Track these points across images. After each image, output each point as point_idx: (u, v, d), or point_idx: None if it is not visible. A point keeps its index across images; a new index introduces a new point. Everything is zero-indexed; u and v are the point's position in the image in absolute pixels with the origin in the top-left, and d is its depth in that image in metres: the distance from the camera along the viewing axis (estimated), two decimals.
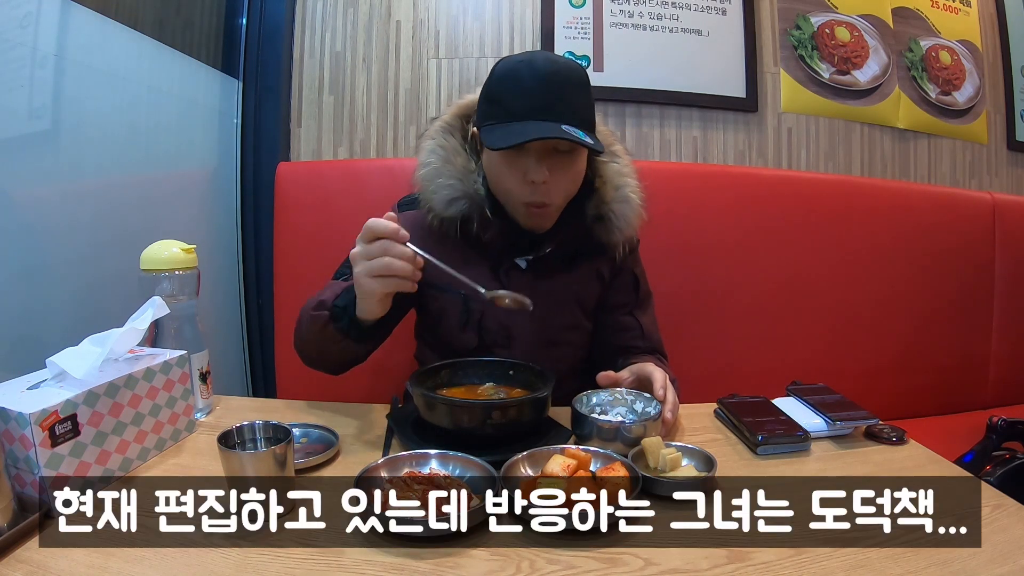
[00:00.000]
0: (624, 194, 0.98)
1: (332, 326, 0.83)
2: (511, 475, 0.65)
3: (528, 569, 0.53)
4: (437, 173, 0.94)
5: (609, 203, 0.96)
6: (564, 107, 0.85)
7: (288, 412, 0.88)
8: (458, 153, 0.95)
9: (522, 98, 0.85)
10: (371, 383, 1.26)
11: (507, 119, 0.86)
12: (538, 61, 0.87)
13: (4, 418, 0.57)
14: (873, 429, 0.82)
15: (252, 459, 0.58)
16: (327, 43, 1.63)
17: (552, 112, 0.84)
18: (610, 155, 0.99)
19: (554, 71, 0.86)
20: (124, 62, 1.17)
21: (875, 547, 0.57)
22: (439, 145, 0.95)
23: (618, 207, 0.97)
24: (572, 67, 0.89)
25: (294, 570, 0.52)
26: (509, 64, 0.89)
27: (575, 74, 0.88)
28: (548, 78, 0.85)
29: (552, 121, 0.84)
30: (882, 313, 1.60)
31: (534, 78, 0.85)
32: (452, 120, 0.98)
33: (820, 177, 1.69)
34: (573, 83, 0.87)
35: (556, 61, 0.89)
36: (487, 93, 0.90)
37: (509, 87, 0.87)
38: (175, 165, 1.36)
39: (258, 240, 1.58)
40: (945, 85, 1.89)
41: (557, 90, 0.85)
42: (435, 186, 0.93)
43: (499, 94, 0.88)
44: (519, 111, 0.85)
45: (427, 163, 0.95)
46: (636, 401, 0.81)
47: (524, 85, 0.85)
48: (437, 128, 0.98)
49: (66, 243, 1.02)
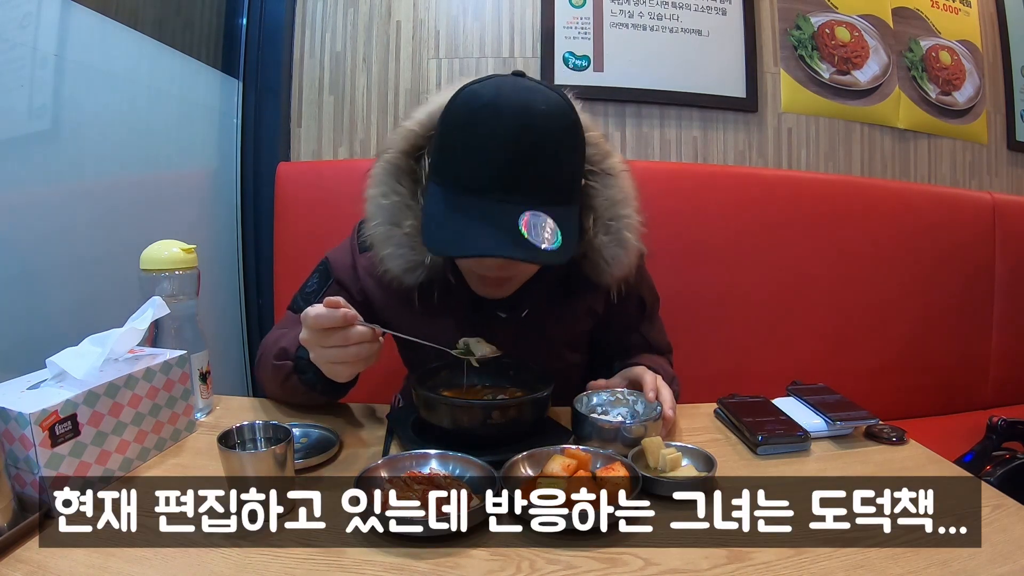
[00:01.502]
0: (618, 235, 0.81)
1: (297, 378, 0.79)
2: (511, 475, 0.65)
3: (528, 569, 0.53)
4: (385, 238, 0.80)
5: (599, 249, 0.81)
6: (535, 180, 0.69)
7: (288, 412, 0.88)
8: (407, 209, 0.80)
9: (480, 165, 0.68)
10: (371, 383, 1.26)
11: (459, 189, 0.70)
12: (505, 109, 0.68)
13: (4, 418, 0.57)
14: (873, 429, 0.82)
15: (252, 459, 0.58)
16: (327, 43, 1.63)
17: (517, 188, 0.68)
18: (603, 176, 0.82)
19: (525, 128, 0.67)
20: (124, 62, 1.17)
21: (875, 547, 0.57)
22: (385, 200, 0.80)
23: (610, 252, 0.82)
24: (553, 113, 0.70)
25: (294, 570, 0.52)
26: (470, 106, 0.70)
27: (557, 124, 0.70)
28: (516, 140, 0.67)
29: (516, 202, 0.68)
30: (882, 313, 1.60)
31: (497, 140, 0.67)
32: (399, 159, 0.81)
33: (820, 177, 1.69)
34: (551, 143, 0.69)
35: (530, 107, 0.68)
36: (441, 139, 0.73)
37: (465, 144, 0.70)
38: (175, 165, 1.36)
39: (258, 240, 1.58)
40: (945, 85, 1.89)
41: (527, 157, 0.68)
42: (386, 255, 0.81)
43: (452, 148, 0.71)
44: (474, 183, 0.69)
45: (373, 223, 0.81)
46: (637, 401, 0.81)
47: (483, 147, 0.68)
48: (382, 171, 0.82)
49: (66, 243, 1.02)
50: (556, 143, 0.70)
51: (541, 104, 0.70)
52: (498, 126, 0.68)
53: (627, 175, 0.85)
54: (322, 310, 0.67)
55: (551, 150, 0.70)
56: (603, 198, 0.82)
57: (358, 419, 0.86)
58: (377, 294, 0.89)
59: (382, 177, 0.82)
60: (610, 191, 0.82)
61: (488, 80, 0.72)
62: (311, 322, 0.67)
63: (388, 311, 0.89)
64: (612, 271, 0.83)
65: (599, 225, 0.81)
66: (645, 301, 0.99)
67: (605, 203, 0.82)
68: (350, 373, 0.72)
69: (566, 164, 0.73)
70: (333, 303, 0.67)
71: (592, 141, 0.81)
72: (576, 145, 0.74)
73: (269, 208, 1.48)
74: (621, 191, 0.83)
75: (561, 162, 0.72)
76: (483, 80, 0.73)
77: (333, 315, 0.66)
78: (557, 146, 0.70)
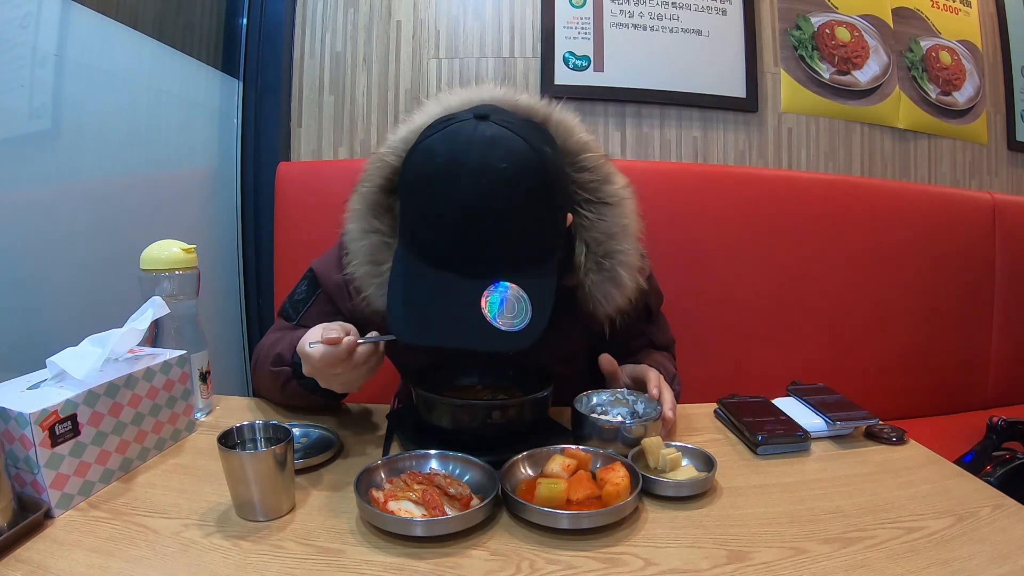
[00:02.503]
0: (612, 272, 0.76)
1: (296, 383, 0.79)
2: (511, 475, 0.65)
3: (528, 569, 0.53)
4: (366, 279, 0.78)
5: (589, 287, 0.76)
6: (499, 250, 0.65)
7: (288, 412, 0.88)
8: (385, 249, 0.76)
9: (437, 239, 0.65)
10: (371, 383, 1.26)
11: (420, 259, 0.67)
12: (462, 179, 0.62)
13: (4, 418, 0.57)
14: (873, 429, 0.82)
15: (252, 459, 0.58)
16: (327, 43, 1.63)
17: (479, 258, 0.65)
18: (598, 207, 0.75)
19: (482, 201, 0.62)
20: (124, 62, 1.17)
21: (875, 547, 0.57)
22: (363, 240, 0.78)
23: (601, 290, 0.76)
24: (514, 173, 0.63)
25: (294, 570, 0.52)
26: (426, 168, 0.65)
27: (518, 185, 0.63)
28: (474, 209, 0.62)
29: (479, 276, 0.65)
30: (882, 313, 1.60)
31: (452, 210, 0.63)
32: (375, 195, 0.78)
33: (820, 177, 1.69)
34: (514, 211, 0.64)
35: (488, 169, 0.62)
36: (401, 199, 0.71)
37: (422, 214, 0.66)
38: (175, 165, 1.36)
39: (258, 240, 1.58)
40: (945, 85, 1.89)
41: (487, 229, 0.63)
42: (369, 294, 0.79)
43: (410, 215, 0.68)
44: (433, 255, 0.66)
45: (354, 263, 0.79)
46: (637, 401, 0.81)
47: (439, 218, 0.64)
48: (359, 206, 0.79)
49: (66, 243, 1.02)
50: (520, 208, 0.65)
51: (503, 162, 0.63)
52: (453, 194, 0.63)
53: (629, 202, 0.79)
54: (326, 350, 0.66)
55: (515, 217, 0.65)
56: (597, 231, 0.76)
57: (358, 419, 0.86)
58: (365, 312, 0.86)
59: (360, 213, 0.79)
60: (606, 223, 0.76)
61: (447, 129, 0.67)
62: (317, 363, 0.67)
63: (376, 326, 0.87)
64: (606, 309, 0.78)
65: (590, 262, 0.76)
66: (651, 310, 0.97)
67: (599, 236, 0.76)
68: (360, 384, 0.74)
69: (534, 227, 0.67)
70: (333, 340, 0.66)
71: (589, 164, 0.77)
72: (546, 205, 0.68)
73: (269, 208, 1.48)
74: (618, 223, 0.77)
75: (527, 227, 0.66)
76: (441, 129, 0.67)
77: (338, 352, 0.66)
78: (522, 211, 0.65)
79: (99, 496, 0.63)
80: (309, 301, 0.90)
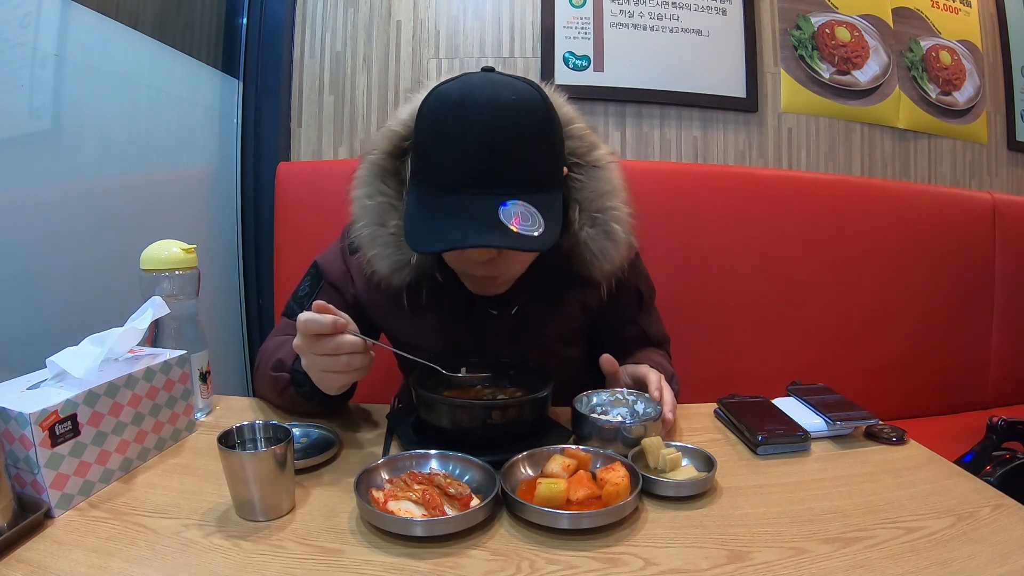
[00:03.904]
0: (606, 227, 0.81)
1: (294, 390, 0.79)
2: (511, 475, 0.65)
3: (528, 569, 0.53)
4: (372, 239, 0.81)
5: (585, 241, 0.81)
6: (509, 172, 0.69)
7: (288, 412, 0.88)
8: (393, 209, 0.80)
9: (453, 164, 0.69)
10: (371, 383, 1.26)
11: (437, 188, 0.70)
12: (472, 108, 0.68)
13: (4, 418, 0.57)
14: (873, 429, 0.82)
15: (252, 459, 0.58)
16: (327, 43, 1.63)
17: (493, 181, 0.68)
18: (588, 169, 0.82)
19: (494, 125, 0.67)
20: (124, 62, 1.17)
21: (875, 547, 0.57)
22: (370, 201, 0.81)
23: (597, 245, 0.81)
24: (521, 108, 0.70)
25: (294, 570, 0.52)
26: (438, 112, 0.70)
27: (525, 118, 0.70)
28: (485, 137, 0.67)
29: (493, 194, 0.68)
30: (882, 313, 1.60)
31: (467, 138, 0.68)
32: (383, 160, 0.81)
33: (820, 177, 1.69)
34: (522, 135, 0.69)
35: (498, 102, 0.68)
36: (416, 143, 0.74)
37: (438, 145, 0.70)
38: (175, 165, 1.36)
39: (258, 240, 1.58)
40: (945, 85, 1.89)
41: (498, 151, 0.68)
42: (372, 255, 0.81)
43: (427, 150, 0.72)
44: (450, 180, 0.69)
45: (359, 224, 0.82)
46: (637, 401, 0.81)
47: (455, 146, 0.68)
48: (366, 172, 0.82)
49: (66, 243, 1.02)
50: (527, 133, 0.70)
51: (509, 96, 0.70)
52: (467, 124, 0.68)
53: (615, 167, 0.84)
54: (312, 315, 0.66)
55: (523, 140, 0.70)
56: (588, 190, 0.81)
57: (358, 419, 0.86)
58: (369, 297, 0.89)
59: (367, 178, 0.82)
60: (596, 183, 0.81)
61: (457, 79, 0.73)
62: (301, 326, 0.67)
63: (380, 312, 0.90)
64: (602, 265, 0.82)
65: (584, 218, 0.81)
66: (642, 294, 0.99)
67: (591, 195, 0.81)
68: (340, 384, 0.71)
69: (541, 152, 0.72)
70: (321, 307, 0.66)
71: (576, 133, 0.81)
72: (550, 133, 0.73)
73: (269, 208, 1.48)
74: (608, 183, 0.82)
75: (535, 151, 0.71)
76: (452, 80, 0.73)
77: (322, 320, 0.66)
78: (529, 136, 0.70)
79: (99, 496, 0.63)
80: (313, 294, 0.91)
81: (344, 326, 0.67)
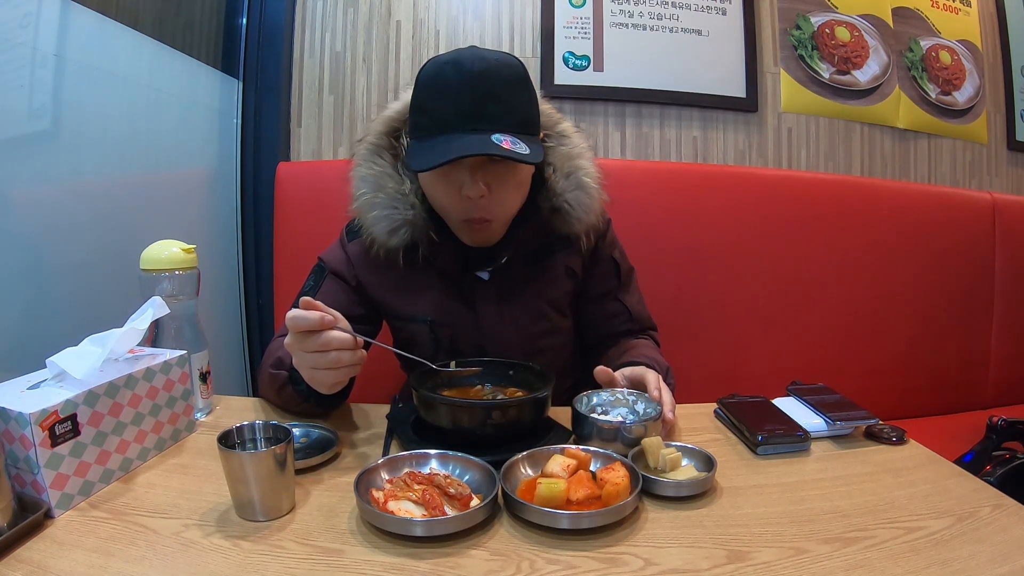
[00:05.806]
0: (578, 180, 0.90)
1: (291, 388, 0.81)
2: (511, 475, 0.65)
3: (528, 569, 0.53)
4: (370, 204, 0.87)
5: (561, 193, 0.90)
6: (497, 111, 0.78)
7: (288, 412, 0.88)
8: (389, 177, 0.88)
9: (449, 105, 0.78)
10: (371, 383, 1.26)
11: (434, 131, 0.79)
12: (464, 61, 0.78)
13: (4, 418, 0.57)
14: (873, 429, 0.82)
15: (252, 459, 0.58)
16: (327, 43, 1.63)
17: (483, 119, 0.78)
18: (557, 137, 0.92)
19: (483, 71, 0.78)
20: (124, 62, 1.17)
21: (875, 547, 0.57)
22: (368, 171, 0.88)
23: (572, 196, 0.90)
24: (505, 63, 0.80)
25: (294, 570, 0.52)
26: (435, 66, 0.80)
27: (509, 70, 0.80)
28: (476, 80, 0.77)
29: (483, 131, 0.77)
30: (882, 313, 1.60)
31: (460, 82, 0.77)
32: (378, 139, 0.90)
33: (820, 177, 1.69)
34: (507, 81, 0.79)
35: (486, 58, 0.79)
36: (414, 101, 0.83)
37: (435, 93, 0.79)
38: (175, 165, 1.36)
39: (258, 240, 1.58)
40: (945, 85, 1.89)
41: (488, 93, 0.78)
42: (371, 218, 0.87)
43: (425, 102, 0.81)
44: (446, 120, 0.78)
45: (359, 194, 0.88)
46: (637, 401, 0.81)
47: (450, 90, 0.78)
48: (364, 151, 0.90)
49: (66, 243, 1.02)
50: (513, 79, 0.80)
51: (495, 56, 0.81)
52: (460, 71, 0.78)
53: (579, 136, 0.95)
54: (299, 311, 0.66)
55: (508, 86, 0.80)
56: (559, 154, 0.91)
57: (358, 419, 0.86)
58: (369, 277, 0.94)
59: (364, 156, 0.90)
60: (564, 147, 0.92)
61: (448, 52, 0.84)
62: (289, 323, 0.67)
63: (378, 288, 0.94)
64: (579, 215, 0.91)
65: (559, 175, 0.90)
66: (619, 265, 1.04)
67: (562, 158, 0.91)
68: (331, 381, 0.71)
69: (523, 102, 0.82)
70: (308, 304, 0.67)
71: (544, 110, 0.90)
72: (530, 86, 0.83)
73: (269, 208, 1.48)
74: (576, 147, 0.92)
75: (519, 96, 0.81)
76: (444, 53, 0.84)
77: (309, 316, 0.66)
78: (513, 82, 0.80)
79: (99, 496, 0.63)
80: (317, 287, 0.95)
81: (332, 322, 0.67)
